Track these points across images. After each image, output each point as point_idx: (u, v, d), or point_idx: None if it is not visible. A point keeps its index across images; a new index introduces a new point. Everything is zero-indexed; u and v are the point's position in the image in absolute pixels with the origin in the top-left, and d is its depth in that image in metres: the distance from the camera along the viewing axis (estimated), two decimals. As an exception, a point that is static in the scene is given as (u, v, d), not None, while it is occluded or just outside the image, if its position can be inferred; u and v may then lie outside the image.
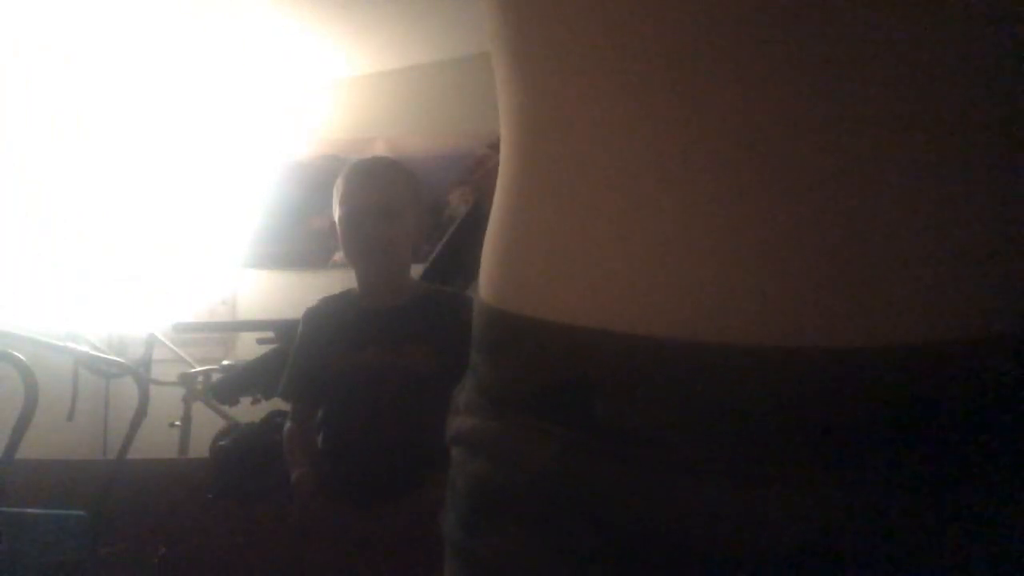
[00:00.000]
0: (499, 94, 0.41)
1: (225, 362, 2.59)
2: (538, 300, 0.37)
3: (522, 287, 0.38)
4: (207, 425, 2.31)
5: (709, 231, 0.31)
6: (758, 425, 0.31)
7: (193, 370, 2.83)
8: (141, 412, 2.30)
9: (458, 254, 1.69)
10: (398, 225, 1.39)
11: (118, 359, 2.47)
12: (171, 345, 3.03)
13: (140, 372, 2.41)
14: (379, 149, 3.67)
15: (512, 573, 0.37)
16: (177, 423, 2.80)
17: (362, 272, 1.46)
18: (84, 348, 2.37)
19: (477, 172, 3.65)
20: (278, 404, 1.97)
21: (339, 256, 3.51)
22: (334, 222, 1.46)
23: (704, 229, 0.32)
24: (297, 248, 3.52)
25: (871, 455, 0.31)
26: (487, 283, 0.42)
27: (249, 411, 2.04)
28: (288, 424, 1.53)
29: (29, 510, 1.91)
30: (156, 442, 2.62)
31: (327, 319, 1.49)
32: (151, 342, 2.93)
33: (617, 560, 0.34)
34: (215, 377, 2.50)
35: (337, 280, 3.42)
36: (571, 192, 0.36)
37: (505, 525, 0.37)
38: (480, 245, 0.43)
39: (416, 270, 1.74)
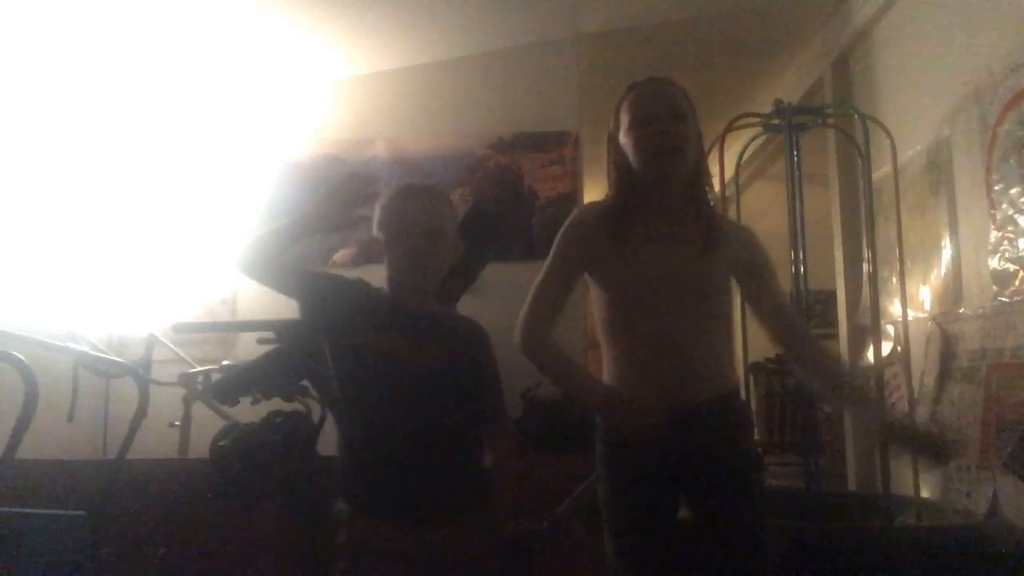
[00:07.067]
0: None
1: (225, 362, 2.59)
2: None
3: None
4: (207, 425, 2.30)
5: (644, 364, 1.60)
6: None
7: (193, 370, 2.82)
8: (141, 412, 2.30)
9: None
10: (441, 245, 1.56)
11: (118, 359, 2.47)
12: (171, 345, 3.02)
13: (140, 372, 2.41)
14: (379, 149, 3.67)
15: None
16: (177, 423, 2.80)
17: (404, 284, 1.56)
18: (84, 348, 2.37)
19: (477, 172, 3.65)
20: (278, 404, 1.97)
21: (339, 256, 3.53)
22: (374, 236, 1.59)
23: (641, 363, 1.60)
24: (296, 248, 3.52)
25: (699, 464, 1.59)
26: None
27: (249, 411, 2.03)
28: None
29: (29, 510, 1.91)
30: (156, 442, 2.62)
31: (363, 292, 1.59)
32: (151, 342, 2.93)
33: None
34: (215, 377, 2.50)
35: (337, 280, 3.42)
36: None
37: None
38: (479, 246, 0.43)
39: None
